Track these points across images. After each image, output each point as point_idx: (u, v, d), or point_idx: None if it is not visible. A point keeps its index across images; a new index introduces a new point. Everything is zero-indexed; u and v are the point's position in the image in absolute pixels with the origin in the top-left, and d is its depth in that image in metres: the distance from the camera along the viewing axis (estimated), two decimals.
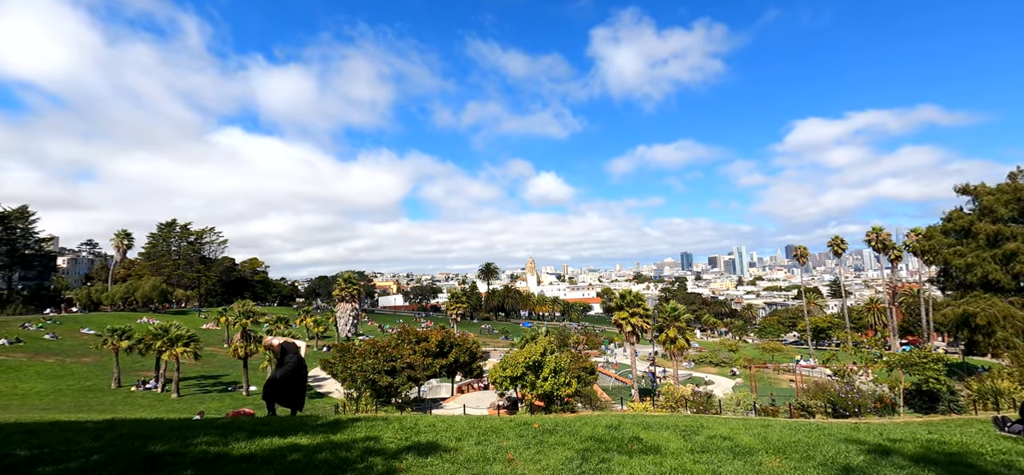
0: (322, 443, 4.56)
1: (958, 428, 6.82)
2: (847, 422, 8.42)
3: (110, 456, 3.98)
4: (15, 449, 4.29)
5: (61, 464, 3.76)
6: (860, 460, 4.36)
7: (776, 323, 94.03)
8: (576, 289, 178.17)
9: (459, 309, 75.84)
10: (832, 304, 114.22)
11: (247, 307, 45.82)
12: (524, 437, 5.17)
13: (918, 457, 4.48)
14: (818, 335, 78.81)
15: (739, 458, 4.42)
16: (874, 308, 75.97)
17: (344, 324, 60.77)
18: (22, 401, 27.79)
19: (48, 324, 54.26)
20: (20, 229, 70.39)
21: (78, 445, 4.47)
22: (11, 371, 35.15)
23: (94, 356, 40.07)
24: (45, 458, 3.95)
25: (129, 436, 4.90)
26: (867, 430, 6.23)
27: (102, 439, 4.76)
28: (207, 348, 44.45)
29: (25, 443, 4.58)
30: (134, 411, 23.81)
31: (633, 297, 39.59)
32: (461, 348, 35.74)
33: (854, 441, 5.29)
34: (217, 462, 3.84)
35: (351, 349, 32.98)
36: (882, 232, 62.26)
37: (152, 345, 32.90)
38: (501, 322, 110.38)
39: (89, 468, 3.65)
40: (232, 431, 5.16)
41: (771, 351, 63.79)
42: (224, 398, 32.86)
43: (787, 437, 5.49)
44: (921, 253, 51.43)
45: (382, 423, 5.92)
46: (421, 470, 3.75)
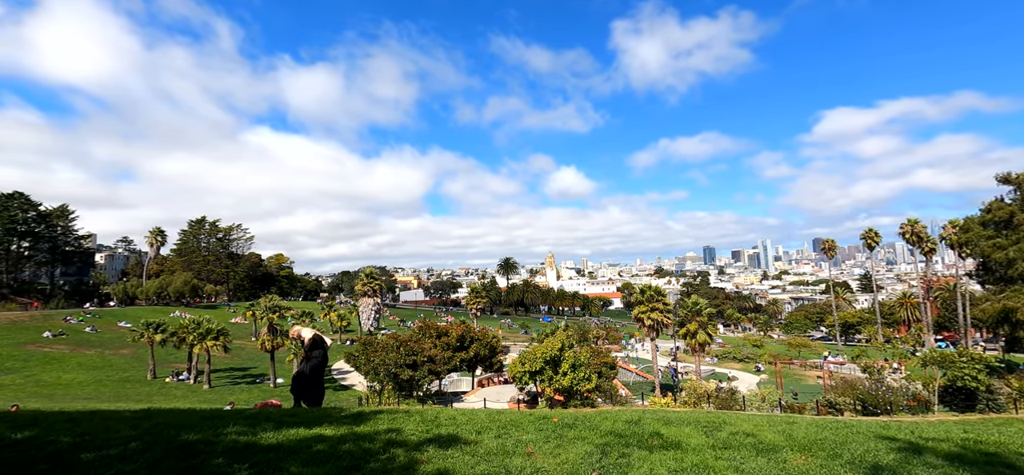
0: (346, 434, 4.67)
1: (996, 427, 6.55)
2: (877, 420, 8.17)
3: (147, 444, 4.16)
4: (60, 437, 4.53)
5: (102, 451, 3.96)
6: (890, 458, 4.23)
7: (803, 318, 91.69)
8: (596, 284, 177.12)
9: (479, 304, 76.32)
10: (862, 299, 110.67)
11: (273, 302, 47.08)
12: (543, 431, 5.19)
13: (953, 456, 4.32)
14: (847, 331, 76.49)
15: (763, 455, 4.35)
16: (907, 303, 73.25)
17: (366, 318, 61.84)
18: (66, 391, 29.21)
19: (88, 318, 56.78)
20: (61, 227, 73.75)
21: (117, 433, 4.69)
22: (55, 362, 36.97)
23: (131, 348, 41.79)
24: (87, 445, 4.16)
25: (164, 425, 5.11)
26: (898, 428, 6.04)
27: (139, 428, 4.98)
28: (236, 341, 45.90)
29: (69, 431, 4.83)
30: (169, 401, 24.79)
31: (654, 292, 39.13)
32: (481, 343, 35.96)
33: (884, 439, 5.14)
34: (246, 451, 3.98)
35: (374, 343, 33.56)
36: (917, 224, 59.93)
37: (185, 338, 34.13)
38: (520, 317, 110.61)
39: (128, 455, 3.84)
40: (260, 421, 5.33)
41: (797, 347, 62.25)
42: (252, 390, 33.89)
43: (813, 434, 5.36)
44: (958, 246, 49.36)
45: (404, 416, 6.02)
46: (442, 462, 3.81)
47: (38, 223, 69.37)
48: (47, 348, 40.66)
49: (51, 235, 72.01)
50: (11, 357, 36.81)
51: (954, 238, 50.57)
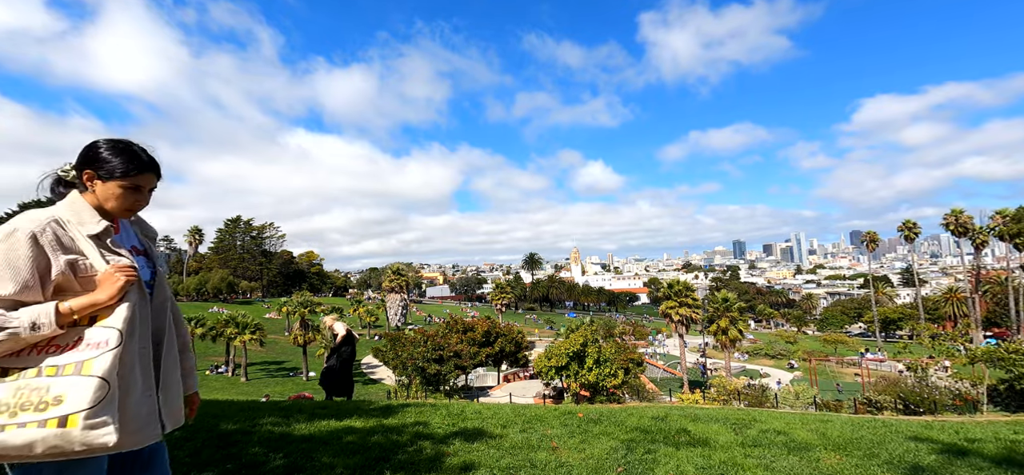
0: (375, 426, 4.79)
1: None
2: (918, 419, 7.83)
3: (188, 433, 4.38)
4: None
5: None
6: (931, 460, 4.06)
7: (839, 314, 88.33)
8: (621, 279, 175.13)
9: (504, 299, 76.59)
10: (903, 293, 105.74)
11: (305, 298, 48.47)
12: (568, 426, 5.20)
13: (1000, 458, 4.11)
14: (887, 327, 73.25)
15: (794, 454, 4.24)
16: (953, 297, 69.49)
17: (394, 314, 63.00)
18: None
19: None
20: None
21: None
22: None
23: None
24: None
25: (204, 415, 5.36)
26: (941, 428, 5.77)
27: None
28: (270, 336, 47.52)
29: None
30: (208, 393, 25.91)
31: (682, 287, 38.44)
32: (506, 338, 36.14)
33: (925, 439, 4.93)
34: (281, 441, 4.15)
35: (401, 338, 34.17)
36: (962, 214, 56.67)
37: (223, 333, 35.57)
38: (545, 312, 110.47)
39: (171, 443, 4.05)
40: (293, 413, 5.53)
41: (833, 343, 60.00)
42: (286, 383, 35.07)
43: (848, 433, 5.19)
44: (1010, 237, 46.56)
45: (431, 409, 6.13)
46: (467, 455, 3.87)
47: None
48: None
49: None
50: None
51: (1005, 229, 47.69)
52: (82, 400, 1.25)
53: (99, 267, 1.44)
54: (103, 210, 1.55)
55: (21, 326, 1.29)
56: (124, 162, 1.54)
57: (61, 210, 1.48)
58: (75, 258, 1.42)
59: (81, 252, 1.44)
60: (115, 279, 1.42)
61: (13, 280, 1.32)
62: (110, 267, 1.44)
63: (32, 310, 1.32)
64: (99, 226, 1.49)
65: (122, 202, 1.55)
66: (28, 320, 1.30)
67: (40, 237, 1.37)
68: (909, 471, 3.74)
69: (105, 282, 1.42)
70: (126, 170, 1.54)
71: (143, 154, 1.60)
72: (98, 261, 1.44)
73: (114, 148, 1.55)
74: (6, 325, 1.27)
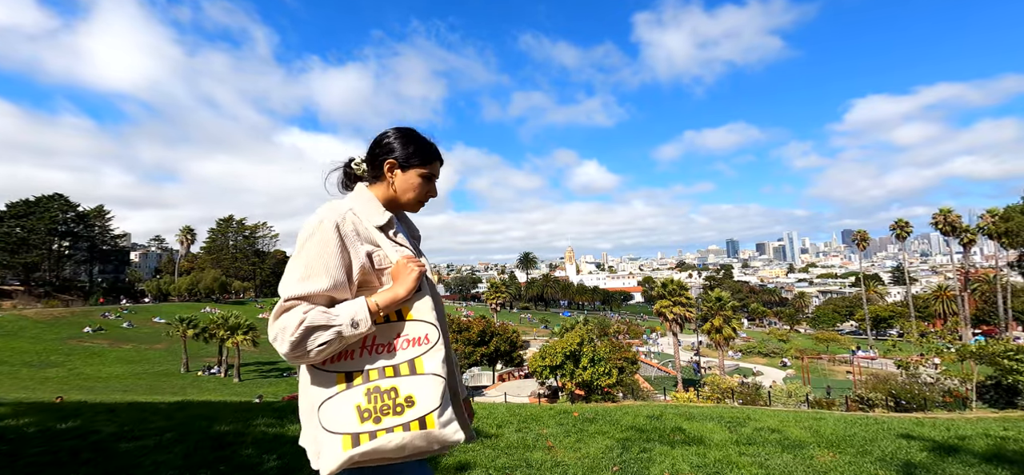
0: None
1: None
2: (910, 416, 7.91)
3: (181, 434, 4.34)
4: (101, 427, 4.76)
5: (139, 440, 4.15)
6: (922, 457, 4.10)
7: (831, 312, 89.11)
8: (616, 278, 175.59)
9: (499, 298, 76.59)
10: (894, 292, 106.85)
11: None
12: (564, 425, 5.20)
13: (990, 455, 4.16)
14: (878, 325, 74.00)
15: (788, 451, 4.26)
16: (943, 295, 70.38)
17: None
18: (105, 383, 30.56)
19: (125, 313, 59.19)
20: (98, 227, 76.97)
21: (153, 424, 4.90)
22: (95, 356, 38.72)
23: (165, 343, 43.46)
24: (126, 435, 4.36)
25: (197, 417, 5.31)
26: (932, 425, 5.84)
27: (173, 419, 5.19)
28: (264, 336, 47.20)
29: (109, 421, 5.07)
30: (201, 393, 25.70)
31: (675, 285, 38.61)
32: (501, 337, 36.14)
33: (916, 437, 4.98)
34: (275, 442, 4.11)
35: None
36: (950, 214, 57.38)
37: (215, 333, 35.27)
38: (540, 311, 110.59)
39: (163, 444, 4.01)
40: (288, 414, 5.49)
41: (825, 341, 60.55)
42: (280, 383, 34.85)
43: (841, 431, 5.23)
44: (998, 236, 47.19)
45: None
46: (463, 454, 3.85)
47: (77, 223, 72.52)
48: (87, 343, 42.61)
49: (89, 235, 75.23)
50: (54, 351, 38.71)
51: (994, 228, 48.32)
52: (432, 399, 1.21)
53: (392, 258, 1.37)
54: (396, 202, 1.49)
55: (343, 324, 1.20)
56: (425, 149, 1.48)
57: (354, 201, 1.42)
58: (372, 249, 1.35)
59: (376, 243, 1.37)
60: (410, 270, 1.33)
61: (327, 275, 1.23)
62: (401, 259, 1.36)
63: (350, 307, 1.24)
64: (384, 217, 1.41)
65: (419, 192, 1.49)
66: (348, 318, 1.21)
67: (342, 227, 1.29)
68: (901, 468, 3.78)
69: (401, 274, 1.33)
70: (426, 157, 1.48)
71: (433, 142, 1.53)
72: (391, 252, 1.37)
73: (411, 136, 1.48)
74: (331, 324, 1.18)
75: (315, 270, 1.22)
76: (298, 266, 1.23)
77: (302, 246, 1.26)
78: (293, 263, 1.25)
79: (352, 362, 1.25)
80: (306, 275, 1.22)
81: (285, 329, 1.16)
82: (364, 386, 1.22)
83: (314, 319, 1.17)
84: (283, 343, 1.17)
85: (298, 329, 1.15)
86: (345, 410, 1.19)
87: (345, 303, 1.25)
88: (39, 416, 5.37)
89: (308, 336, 1.16)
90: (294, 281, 1.22)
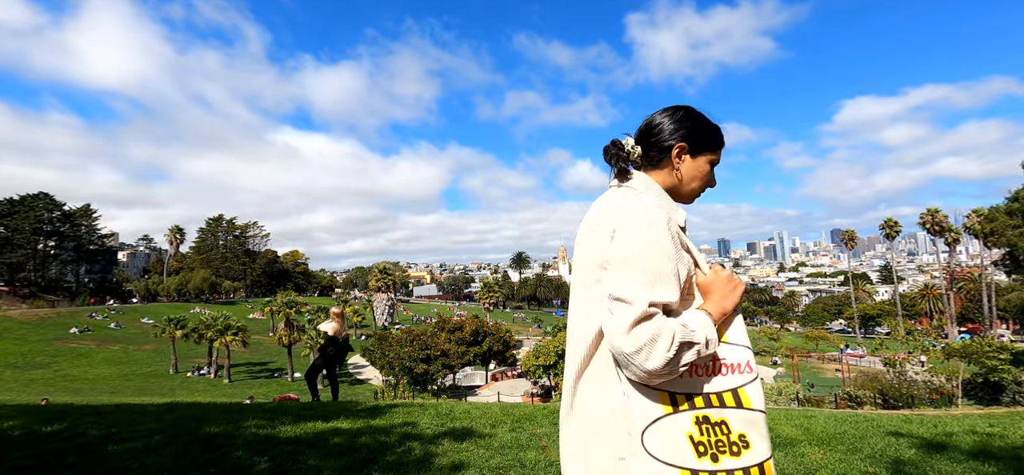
0: (363, 428, 4.74)
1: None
2: (898, 414, 8.03)
3: (170, 437, 4.28)
4: (88, 429, 4.68)
5: (128, 443, 4.09)
6: (911, 454, 4.16)
7: (820, 311, 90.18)
8: None
9: (492, 298, 76.52)
10: (882, 290, 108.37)
11: (290, 298, 47.82)
12: (558, 425, 5.20)
13: (977, 452, 4.22)
14: (867, 323, 74.97)
15: (780, 449, 4.30)
16: (929, 294, 71.50)
17: (380, 314, 62.52)
18: (92, 384, 30.13)
19: (112, 314, 58.37)
20: (85, 226, 75.82)
21: (142, 426, 4.83)
22: (82, 357, 38.14)
23: (153, 344, 42.91)
24: (114, 437, 4.30)
25: (186, 418, 5.24)
26: (920, 422, 5.92)
27: (163, 421, 5.12)
28: (254, 336, 46.77)
29: (97, 424, 4.99)
30: (190, 395, 25.42)
31: None
32: (495, 337, 36.12)
33: (905, 434, 5.04)
34: (265, 443, 4.07)
35: (388, 338, 33.93)
36: (937, 213, 58.30)
37: (205, 334, 34.90)
38: (534, 310, 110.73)
39: (152, 447, 3.95)
40: (279, 415, 5.44)
41: (815, 340, 61.26)
42: (271, 384, 34.57)
43: (832, 428, 5.29)
44: (983, 235, 47.94)
45: (419, 409, 6.09)
46: (457, 455, 3.84)
47: (63, 223, 71.41)
48: (74, 343, 41.96)
49: (75, 234, 74.10)
50: (40, 352, 38.08)
51: (979, 228, 49.11)
52: (766, 444, 1.03)
53: (705, 268, 1.16)
54: (678, 192, 1.26)
55: (700, 343, 1.01)
56: (714, 133, 1.25)
57: (655, 195, 1.17)
58: (687, 256, 1.14)
59: (688, 248, 1.16)
60: (734, 285, 1.13)
61: (676, 283, 1.04)
62: (723, 270, 1.15)
63: (700, 323, 1.04)
64: (684, 217, 1.19)
65: (705, 181, 1.27)
66: (704, 336, 1.02)
67: (670, 227, 1.08)
68: (891, 465, 3.82)
69: (721, 288, 1.12)
70: (716, 141, 1.25)
71: None
72: (701, 260, 1.17)
73: (699, 116, 1.25)
74: (694, 340, 1.00)
75: (664, 276, 1.03)
76: (643, 268, 1.03)
77: (644, 244, 1.05)
78: (634, 263, 1.03)
79: (681, 383, 1.06)
80: (654, 280, 1.02)
81: (656, 341, 0.97)
82: (692, 413, 1.04)
83: (684, 334, 1.00)
84: (654, 358, 0.97)
85: (673, 345, 0.97)
86: (677, 439, 1.02)
87: (688, 316, 1.07)
88: (24, 419, 5.27)
89: (682, 353, 0.99)
90: (642, 285, 1.01)
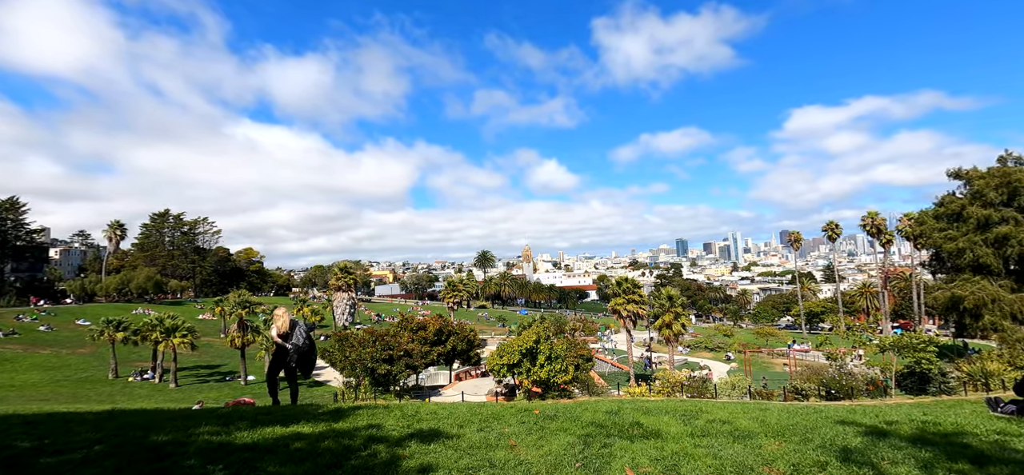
0: (325, 431, 4.57)
1: (950, 409, 6.93)
2: (843, 404, 8.55)
3: (112, 447, 3.97)
4: (16, 441, 4.27)
5: (63, 455, 3.75)
6: (858, 442, 4.42)
7: (770, 308, 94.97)
8: (572, 276, 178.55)
9: (456, 297, 75.99)
10: (826, 289, 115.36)
11: (243, 297, 45.73)
12: (525, 423, 5.21)
13: (915, 438, 4.55)
14: (812, 319, 79.62)
15: (739, 442, 4.47)
16: (866, 292, 76.77)
17: (341, 313, 60.78)
18: (20, 392, 27.70)
19: (42, 316, 53.95)
20: (11, 221, 69.65)
21: (79, 436, 4.46)
22: (7, 363, 35.00)
23: (90, 347, 39.95)
24: (47, 449, 3.94)
25: (130, 426, 4.89)
26: (863, 412, 6.32)
27: (103, 430, 4.74)
28: (204, 338, 44.37)
29: (26, 434, 4.57)
30: (132, 401, 23.81)
31: (630, 284, 39.79)
32: (459, 336, 35.88)
33: (850, 423, 5.37)
34: (220, 451, 3.84)
35: (349, 338, 33.03)
36: (877, 216, 62.69)
37: (148, 336, 32.83)
38: (498, 309, 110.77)
39: (92, 458, 3.64)
40: (234, 420, 5.16)
41: (765, 336, 64.50)
42: (223, 388, 32.90)
43: (785, 420, 5.56)
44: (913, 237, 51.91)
45: (383, 411, 5.94)
46: (424, 457, 3.77)
47: None
48: None
49: (0, 229, 67.94)
50: None
51: (910, 230, 53.16)
52: None
53: None
54: None
55: None
56: None
57: None
58: None
59: None
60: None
61: None
62: None
63: None
64: None
65: None
66: None
67: None
68: (840, 453, 4.05)
69: None
70: None
71: None
72: None
73: None
74: None
75: None
76: None
77: None
78: None
79: None
80: None
81: None
82: None
83: None
84: None
85: None
86: None
87: None
88: None
89: None
90: None
